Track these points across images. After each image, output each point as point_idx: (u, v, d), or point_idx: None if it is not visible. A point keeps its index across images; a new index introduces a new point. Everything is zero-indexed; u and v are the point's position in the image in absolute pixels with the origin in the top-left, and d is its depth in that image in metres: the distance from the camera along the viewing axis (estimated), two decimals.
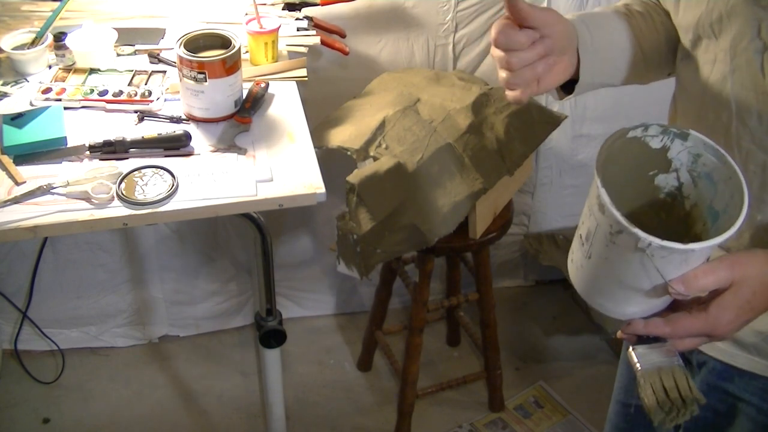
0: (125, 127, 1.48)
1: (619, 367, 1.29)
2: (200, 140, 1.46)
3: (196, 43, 1.49)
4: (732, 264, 0.84)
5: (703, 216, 0.90)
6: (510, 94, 0.92)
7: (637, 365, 0.87)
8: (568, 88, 1.01)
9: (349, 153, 1.69)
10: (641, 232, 0.80)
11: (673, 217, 0.93)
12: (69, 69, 1.60)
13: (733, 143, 0.93)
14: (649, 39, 1.04)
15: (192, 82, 1.45)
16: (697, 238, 0.87)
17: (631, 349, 0.89)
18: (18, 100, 1.52)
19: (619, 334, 0.89)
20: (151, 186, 1.34)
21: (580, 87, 1.00)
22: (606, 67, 1.01)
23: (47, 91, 1.52)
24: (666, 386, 0.86)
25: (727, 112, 0.93)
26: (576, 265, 0.92)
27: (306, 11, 1.78)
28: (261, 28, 1.59)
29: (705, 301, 0.85)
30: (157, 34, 1.71)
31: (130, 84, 1.57)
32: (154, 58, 1.63)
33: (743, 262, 0.85)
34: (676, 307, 0.87)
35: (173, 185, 1.34)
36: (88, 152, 1.41)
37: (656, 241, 0.79)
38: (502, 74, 0.91)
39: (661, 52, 1.05)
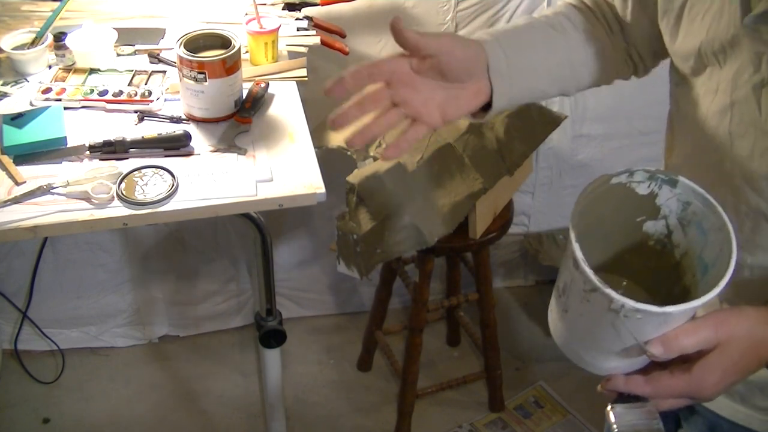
0: (125, 127, 1.48)
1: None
2: (200, 140, 1.46)
3: (196, 43, 1.49)
4: (717, 324, 0.79)
5: (693, 267, 0.86)
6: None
7: (614, 427, 0.82)
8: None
9: (349, 153, 1.69)
10: (614, 293, 0.75)
11: (664, 266, 0.89)
12: (69, 69, 1.60)
13: (726, 181, 0.88)
14: (580, 54, 0.99)
15: (192, 82, 1.45)
16: (686, 291, 0.84)
17: (609, 407, 0.83)
18: (18, 100, 1.52)
19: (599, 388, 0.84)
20: (151, 186, 1.34)
21: (495, 110, 0.94)
22: (529, 86, 0.96)
23: (47, 91, 1.52)
24: None
25: (723, 146, 0.88)
26: (553, 316, 0.88)
27: (306, 11, 1.78)
28: (261, 28, 1.59)
29: (689, 359, 0.79)
30: (157, 34, 1.71)
31: (130, 84, 1.57)
32: (154, 58, 1.63)
33: (730, 322, 0.79)
34: (660, 364, 0.81)
35: (173, 185, 1.34)
36: (88, 152, 1.41)
37: (629, 303, 0.74)
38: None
39: (593, 65, 1.00)
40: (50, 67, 1.61)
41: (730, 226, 0.79)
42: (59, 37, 1.59)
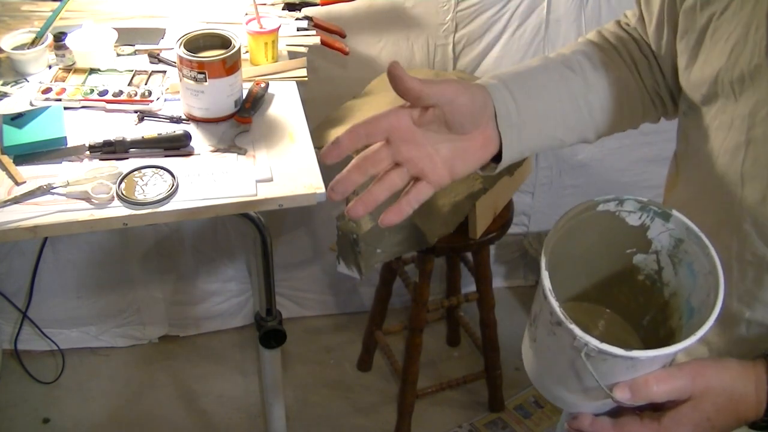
0: (125, 127, 1.48)
1: None
2: (200, 140, 1.46)
3: (196, 43, 1.49)
4: (694, 374, 0.74)
5: (680, 309, 0.81)
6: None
7: None
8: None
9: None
10: (578, 329, 0.70)
11: (653, 303, 0.84)
12: (69, 69, 1.60)
13: (733, 225, 0.81)
14: (600, 98, 0.90)
15: (192, 82, 1.45)
16: (671, 333, 0.80)
17: None
18: (18, 100, 1.52)
19: (566, 426, 0.79)
20: (151, 186, 1.34)
21: (505, 162, 0.85)
22: (538, 137, 0.87)
23: (47, 91, 1.52)
24: None
25: (733, 188, 0.80)
26: (525, 345, 0.84)
27: (306, 11, 1.78)
28: (261, 28, 1.59)
29: (662, 408, 0.75)
30: (157, 34, 1.71)
31: (130, 84, 1.57)
32: (154, 58, 1.63)
33: (708, 374, 0.74)
34: (631, 408, 0.76)
35: (173, 185, 1.34)
36: (88, 152, 1.41)
37: (593, 342, 0.70)
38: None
39: (615, 109, 0.92)
40: (50, 67, 1.61)
41: (721, 272, 0.75)
42: (59, 37, 1.59)
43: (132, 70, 1.60)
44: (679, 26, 0.85)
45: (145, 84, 1.57)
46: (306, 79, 1.62)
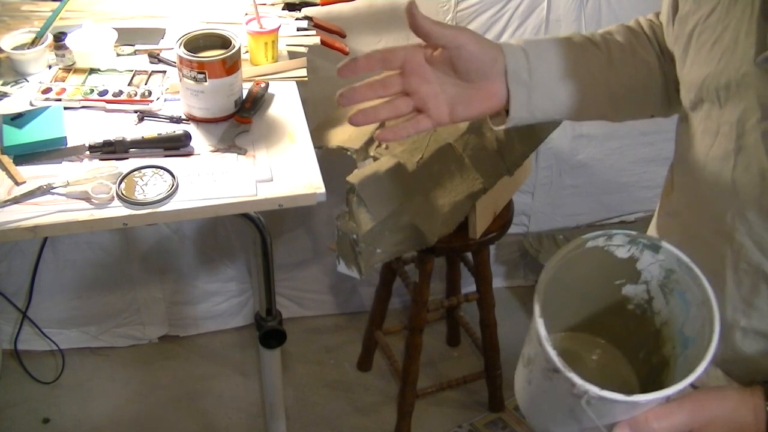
0: (125, 127, 1.48)
1: None
2: (200, 140, 1.46)
3: (196, 43, 1.49)
4: (695, 408, 0.74)
5: (673, 338, 0.81)
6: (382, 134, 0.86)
7: None
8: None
9: (349, 153, 1.69)
10: (577, 378, 0.71)
11: (644, 331, 0.85)
12: (69, 69, 1.60)
13: (727, 234, 0.81)
14: (622, 76, 0.92)
15: (192, 82, 1.45)
16: (665, 362, 0.80)
17: None
18: (18, 100, 1.52)
19: None
20: (151, 186, 1.34)
21: (513, 119, 0.88)
22: (550, 102, 0.89)
23: (47, 91, 1.52)
24: None
25: (725, 196, 0.80)
26: (519, 384, 0.84)
27: (306, 11, 1.78)
28: (261, 28, 1.59)
29: None
30: (157, 34, 1.71)
31: (130, 84, 1.57)
32: (154, 58, 1.63)
33: (708, 407, 0.75)
34: None
35: (173, 185, 1.34)
36: (88, 152, 1.41)
37: (593, 390, 0.70)
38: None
39: (637, 92, 0.93)
40: (50, 67, 1.61)
41: (714, 302, 0.75)
42: (59, 37, 1.59)
43: (132, 70, 1.60)
44: (674, 31, 0.87)
45: (145, 84, 1.57)
46: (306, 79, 1.62)
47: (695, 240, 0.79)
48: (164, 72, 1.60)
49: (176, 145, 1.43)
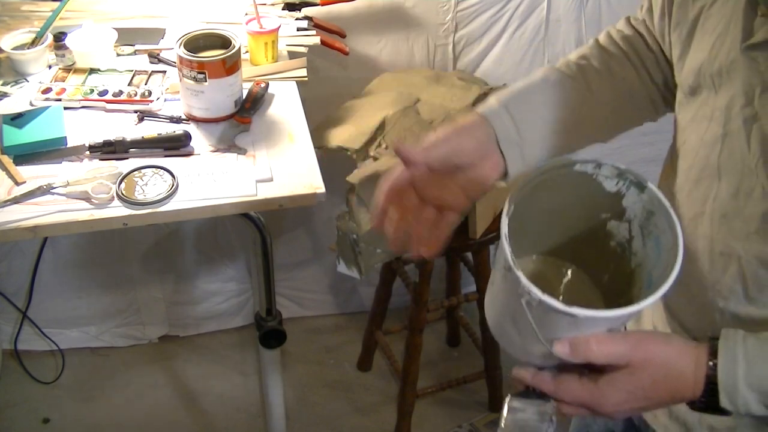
0: (125, 127, 1.48)
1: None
2: (200, 140, 1.46)
3: (196, 43, 1.49)
4: (636, 343, 0.76)
5: (642, 280, 0.82)
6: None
7: (503, 421, 0.79)
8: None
9: (349, 153, 1.69)
10: (523, 277, 0.72)
11: (621, 271, 0.85)
12: (69, 69, 1.60)
13: (709, 216, 0.84)
14: (603, 101, 0.94)
15: (192, 82, 1.45)
16: (630, 302, 0.79)
17: (507, 398, 0.81)
18: (18, 100, 1.52)
19: (513, 372, 0.83)
20: (151, 186, 1.34)
21: (512, 176, 0.90)
22: (540, 150, 0.91)
23: (47, 91, 1.52)
24: None
25: (711, 180, 0.83)
26: (488, 290, 0.86)
27: (306, 11, 1.78)
28: (261, 28, 1.59)
29: (602, 371, 0.77)
30: (157, 34, 1.71)
31: (130, 84, 1.57)
32: (154, 58, 1.63)
33: (650, 347, 0.77)
34: (574, 368, 0.79)
35: (173, 185, 1.34)
36: (88, 152, 1.41)
37: (535, 292, 0.71)
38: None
39: (622, 111, 0.96)
40: (50, 67, 1.61)
41: (681, 248, 0.75)
42: (59, 37, 1.59)
43: (132, 70, 1.60)
44: (673, 18, 0.88)
45: (145, 84, 1.57)
46: (306, 79, 1.63)
47: (681, 220, 0.79)
48: (164, 72, 1.60)
49: (176, 145, 1.43)
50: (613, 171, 0.82)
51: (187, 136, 1.44)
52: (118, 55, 1.65)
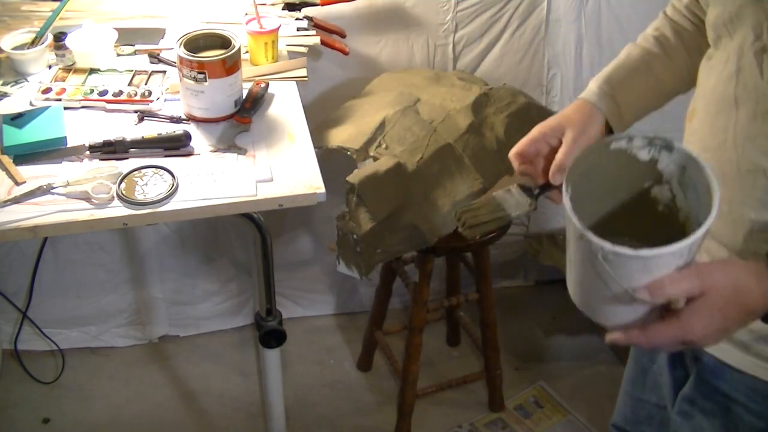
0: (125, 127, 1.48)
1: (628, 361, 1.31)
2: (200, 140, 1.46)
3: (196, 43, 1.49)
4: (702, 273, 0.84)
5: (693, 228, 0.87)
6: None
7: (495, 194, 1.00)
8: None
9: (349, 153, 1.69)
10: (594, 236, 0.80)
11: (674, 231, 0.91)
12: (69, 69, 1.60)
13: (732, 141, 0.95)
14: (679, 62, 1.12)
15: (192, 82, 1.45)
16: None
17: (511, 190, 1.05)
18: (18, 100, 1.52)
19: (606, 339, 0.91)
20: (151, 186, 1.34)
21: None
22: (639, 112, 1.11)
23: (47, 91, 1.52)
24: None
25: (730, 110, 0.95)
26: (566, 271, 0.93)
27: (306, 11, 1.78)
28: (261, 28, 1.59)
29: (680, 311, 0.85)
30: (157, 34, 1.71)
31: (130, 84, 1.57)
32: (154, 58, 1.63)
33: (713, 272, 0.85)
34: (655, 317, 0.87)
35: (173, 185, 1.34)
36: (88, 152, 1.41)
37: (607, 246, 0.80)
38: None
39: (696, 64, 1.09)
40: (50, 67, 1.61)
41: (715, 185, 0.83)
42: (59, 37, 1.59)
43: (132, 70, 1.60)
44: None
45: (145, 84, 1.57)
46: (306, 79, 1.63)
47: (707, 152, 0.93)
48: (164, 72, 1.60)
49: (176, 145, 1.43)
50: (644, 141, 0.90)
51: (187, 136, 1.44)
52: (118, 55, 1.65)
